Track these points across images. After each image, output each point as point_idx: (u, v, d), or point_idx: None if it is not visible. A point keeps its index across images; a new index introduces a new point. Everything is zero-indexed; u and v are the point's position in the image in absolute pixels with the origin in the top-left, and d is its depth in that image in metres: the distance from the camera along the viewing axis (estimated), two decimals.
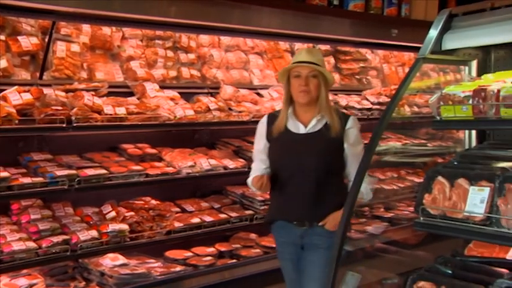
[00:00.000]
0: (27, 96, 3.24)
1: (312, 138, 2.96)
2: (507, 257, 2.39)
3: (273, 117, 3.07)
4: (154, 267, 3.61)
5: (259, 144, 3.10)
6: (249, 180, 3.10)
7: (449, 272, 2.38)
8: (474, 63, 2.78)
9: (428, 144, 4.84)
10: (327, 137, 2.93)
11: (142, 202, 3.78)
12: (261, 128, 3.10)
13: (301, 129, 2.97)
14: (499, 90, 2.15)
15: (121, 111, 3.54)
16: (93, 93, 3.58)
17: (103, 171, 3.45)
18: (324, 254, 2.85)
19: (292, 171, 2.93)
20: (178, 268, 3.67)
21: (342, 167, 2.99)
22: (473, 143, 2.85)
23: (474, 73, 2.76)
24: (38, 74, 3.64)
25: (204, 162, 3.89)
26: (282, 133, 2.97)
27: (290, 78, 2.96)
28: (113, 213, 3.57)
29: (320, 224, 2.90)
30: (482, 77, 2.54)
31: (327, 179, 2.92)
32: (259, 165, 3.07)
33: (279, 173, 2.99)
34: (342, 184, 3.01)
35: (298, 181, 2.92)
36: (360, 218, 4.34)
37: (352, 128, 2.99)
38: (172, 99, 3.99)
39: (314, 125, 2.96)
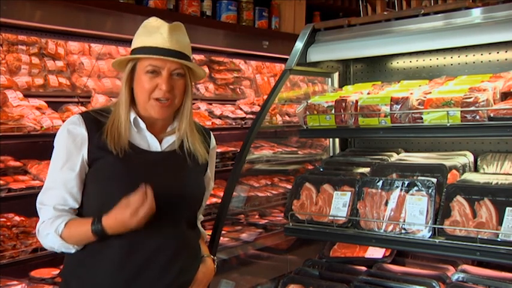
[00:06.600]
0: None
1: (174, 162, 1.93)
2: (366, 256, 2.56)
3: (95, 122, 1.88)
4: None
5: (69, 165, 1.82)
6: (55, 229, 1.86)
7: (317, 273, 2.48)
8: (336, 75, 2.95)
9: (299, 152, 5.05)
10: (193, 160, 1.96)
11: (4, 219, 3.50)
12: (75, 137, 1.83)
13: (155, 146, 1.91)
14: (357, 101, 2.31)
15: None
16: None
17: None
18: None
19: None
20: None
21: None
22: (337, 150, 3.02)
23: (336, 84, 2.94)
24: None
25: None
26: (123, 151, 1.84)
27: (136, 71, 1.87)
28: None
29: None
30: (343, 88, 2.72)
31: (190, 226, 1.99)
32: (64, 201, 1.85)
33: None
34: (197, 229, 2.09)
35: (154, 235, 1.81)
36: (235, 225, 4.40)
37: (215, 147, 2.12)
38: (38, 108, 3.75)
39: (171, 140, 1.94)
